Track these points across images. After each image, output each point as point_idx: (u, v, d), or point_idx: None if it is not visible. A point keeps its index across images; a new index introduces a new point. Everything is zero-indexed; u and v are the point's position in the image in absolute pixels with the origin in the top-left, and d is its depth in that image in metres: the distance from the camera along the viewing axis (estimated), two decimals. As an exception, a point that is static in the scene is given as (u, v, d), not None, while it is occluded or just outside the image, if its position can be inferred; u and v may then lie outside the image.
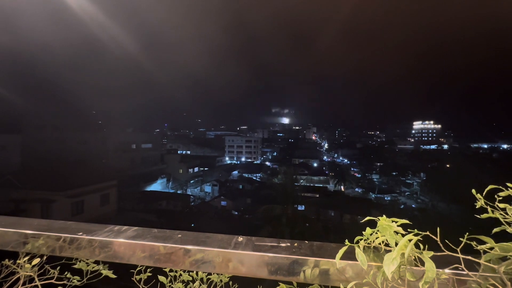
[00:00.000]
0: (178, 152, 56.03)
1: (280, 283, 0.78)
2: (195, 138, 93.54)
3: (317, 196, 32.25)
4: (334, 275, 0.63)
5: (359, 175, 51.33)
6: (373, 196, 39.53)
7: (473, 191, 0.67)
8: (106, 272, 0.87)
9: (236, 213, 28.57)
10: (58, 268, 0.85)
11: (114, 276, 0.87)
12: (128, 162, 34.75)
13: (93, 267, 0.87)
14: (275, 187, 29.88)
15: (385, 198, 38.40)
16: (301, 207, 27.94)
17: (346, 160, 71.76)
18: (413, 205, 34.04)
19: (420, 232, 0.57)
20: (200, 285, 0.94)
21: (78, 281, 0.88)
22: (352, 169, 57.48)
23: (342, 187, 44.26)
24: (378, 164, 56.37)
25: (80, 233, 0.78)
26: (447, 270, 0.56)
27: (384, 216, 0.62)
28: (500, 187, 0.65)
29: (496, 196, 0.67)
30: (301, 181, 35.88)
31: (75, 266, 0.85)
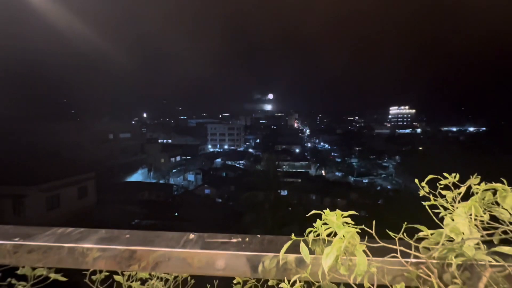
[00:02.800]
0: (159, 141, 54.54)
1: (236, 277, 0.78)
2: (176, 126, 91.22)
3: (299, 181, 33.07)
4: (281, 270, 0.63)
5: (339, 160, 53.08)
6: (352, 179, 41.24)
7: (416, 180, 0.69)
8: (55, 276, 0.82)
9: (220, 200, 28.72)
10: (-1, 275, 0.79)
11: (64, 279, 0.83)
12: (106, 153, 33.38)
13: (39, 271, 0.81)
14: (258, 173, 30.22)
15: (363, 181, 40.20)
16: (283, 192, 28.59)
17: (327, 146, 73.66)
18: (388, 187, 35.98)
19: (356, 227, 0.58)
20: (160, 281, 0.92)
21: (23, 287, 0.82)
22: (332, 154, 59.24)
23: (323, 171, 45.67)
24: (357, 148, 58.49)
25: (17, 239, 0.72)
26: (381, 259, 0.58)
27: (327, 209, 0.62)
28: (439, 176, 0.68)
29: (438, 184, 0.70)
30: (284, 167, 36.51)
31: (18, 272, 0.80)
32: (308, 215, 0.68)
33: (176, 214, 21.34)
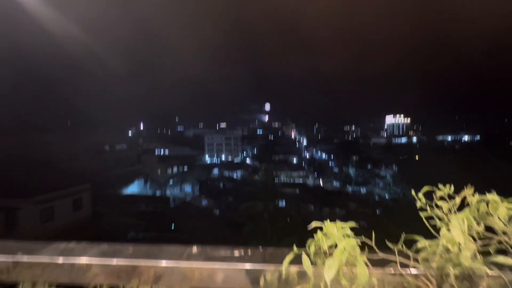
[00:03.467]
0: (156, 152, 54.34)
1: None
2: (173, 137, 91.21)
3: (297, 191, 32.92)
4: (283, 282, 0.64)
5: (337, 169, 53.13)
6: (350, 189, 41.16)
7: (413, 192, 0.72)
8: (55, 292, 0.81)
9: (218, 212, 28.40)
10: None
11: (64, 295, 0.82)
12: (102, 164, 33.12)
13: (40, 287, 0.81)
14: (256, 184, 30.06)
15: (361, 191, 40.13)
16: (282, 203, 28.36)
17: (324, 155, 73.84)
18: (386, 196, 35.93)
19: (356, 238, 0.60)
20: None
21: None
22: (330, 163, 59.32)
23: (320, 181, 45.59)
24: (354, 158, 58.66)
25: (20, 253, 0.72)
26: (381, 271, 0.60)
27: (328, 220, 0.64)
28: (434, 188, 0.70)
29: (434, 195, 0.72)
30: (282, 177, 36.40)
31: (18, 289, 0.79)
32: (310, 227, 0.69)
33: (173, 226, 21.02)
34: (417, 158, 54.78)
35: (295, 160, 62.62)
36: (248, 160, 64.10)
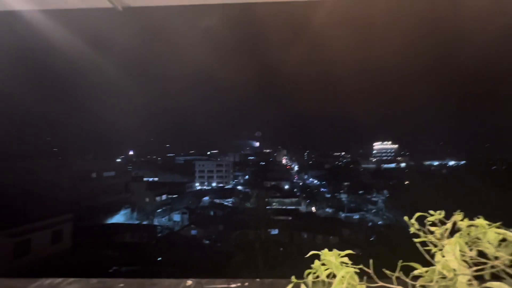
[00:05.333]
0: (144, 179, 52.93)
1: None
2: (163, 164, 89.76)
3: (290, 218, 32.20)
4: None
5: (329, 195, 52.81)
6: (343, 215, 40.63)
7: (406, 218, 0.73)
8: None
9: (208, 241, 27.18)
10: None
11: None
12: (86, 193, 31.82)
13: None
14: (247, 211, 29.32)
15: (354, 217, 39.66)
16: (274, 231, 27.53)
17: (315, 181, 73.70)
18: (379, 222, 35.55)
19: (355, 267, 0.59)
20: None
21: None
22: (321, 189, 59.06)
23: (313, 208, 44.96)
24: (346, 183, 58.75)
25: None
26: None
27: (326, 249, 0.64)
28: (426, 214, 0.72)
29: (425, 221, 0.74)
30: (273, 204, 35.76)
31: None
32: (307, 256, 0.69)
33: (160, 258, 19.81)
34: (407, 183, 55.40)
35: (286, 186, 62.09)
36: (239, 187, 63.11)
